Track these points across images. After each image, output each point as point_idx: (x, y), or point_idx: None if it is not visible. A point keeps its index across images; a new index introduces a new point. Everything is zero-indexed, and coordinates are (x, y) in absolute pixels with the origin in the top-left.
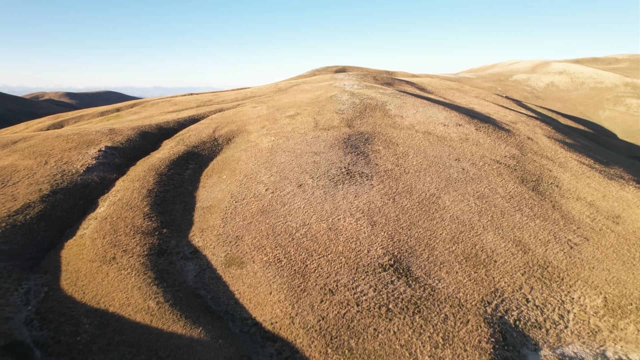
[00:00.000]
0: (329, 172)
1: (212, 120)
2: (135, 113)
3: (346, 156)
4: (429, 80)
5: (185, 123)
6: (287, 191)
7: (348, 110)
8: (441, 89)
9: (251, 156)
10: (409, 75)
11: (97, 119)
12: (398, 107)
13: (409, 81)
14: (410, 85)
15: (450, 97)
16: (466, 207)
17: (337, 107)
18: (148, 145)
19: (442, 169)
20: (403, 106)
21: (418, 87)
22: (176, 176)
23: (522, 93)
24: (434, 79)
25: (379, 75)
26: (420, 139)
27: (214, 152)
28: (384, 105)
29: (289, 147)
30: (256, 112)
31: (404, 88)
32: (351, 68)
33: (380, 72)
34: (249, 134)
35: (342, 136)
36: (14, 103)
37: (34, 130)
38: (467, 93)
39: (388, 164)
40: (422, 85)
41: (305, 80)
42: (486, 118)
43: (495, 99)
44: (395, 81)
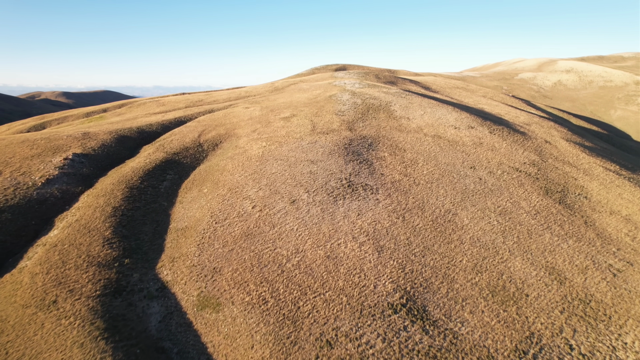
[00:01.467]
0: (328, 185)
1: (199, 123)
2: (120, 114)
3: (347, 165)
4: (433, 79)
5: (170, 126)
6: (277, 209)
7: (349, 111)
8: (447, 88)
9: (238, 165)
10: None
11: (80, 120)
12: (404, 108)
13: (412, 80)
14: (415, 84)
15: (456, 96)
16: (487, 225)
17: (337, 107)
18: (125, 152)
19: (457, 179)
20: (409, 107)
21: (422, 86)
22: (150, 189)
23: (529, 92)
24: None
25: (381, 74)
26: (429, 143)
27: (197, 159)
28: (388, 105)
29: (281, 155)
30: (248, 113)
31: (408, 87)
32: (352, 66)
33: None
34: (238, 138)
35: (342, 141)
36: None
37: (14, 132)
38: (474, 92)
39: (395, 174)
40: (427, 84)
41: (304, 79)
42: (498, 119)
43: (504, 99)
44: (398, 80)
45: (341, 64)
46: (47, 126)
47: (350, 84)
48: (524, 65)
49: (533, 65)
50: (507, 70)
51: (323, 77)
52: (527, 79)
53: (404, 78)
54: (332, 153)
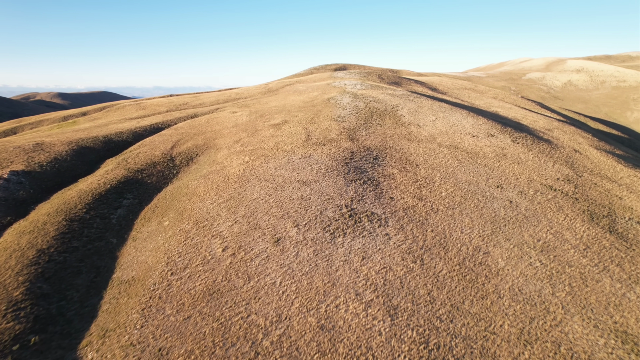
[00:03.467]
0: (323, 216)
1: (175, 131)
2: (94, 119)
3: (348, 187)
4: (439, 79)
5: (143, 134)
6: (256, 252)
7: (350, 116)
8: (454, 89)
9: (211, 187)
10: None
11: (50, 126)
12: (413, 113)
13: (418, 80)
14: (420, 84)
15: (466, 98)
16: (529, 269)
17: (336, 112)
18: (82, 167)
19: (483, 202)
20: (419, 111)
21: (429, 87)
22: (98, 221)
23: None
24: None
25: (384, 74)
26: (446, 156)
27: (165, 178)
28: (394, 109)
29: (267, 173)
30: (234, 119)
31: (414, 88)
32: (352, 66)
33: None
34: (218, 151)
35: (342, 154)
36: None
37: None
38: (483, 93)
39: (408, 197)
40: (433, 84)
41: (300, 80)
42: (517, 125)
43: (516, 100)
44: (402, 80)
45: (341, 64)
46: (19, 131)
47: (351, 84)
48: (531, 65)
49: (541, 64)
50: (514, 70)
51: (321, 78)
52: (536, 79)
53: (409, 78)
54: (329, 171)
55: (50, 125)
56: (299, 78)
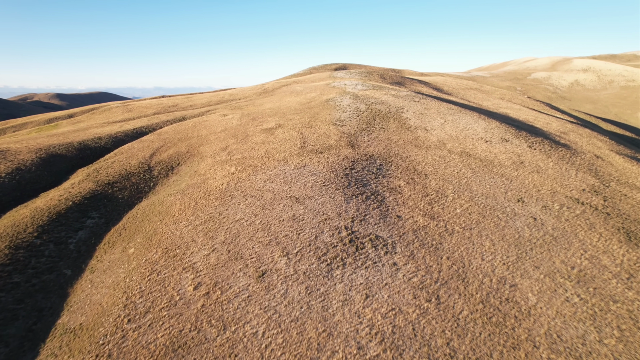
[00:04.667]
0: (319, 241)
1: (158, 136)
2: (77, 122)
3: (348, 203)
4: (443, 79)
5: (124, 139)
6: (235, 290)
7: (350, 120)
8: (459, 90)
9: (189, 205)
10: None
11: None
12: (419, 115)
13: (421, 80)
14: (424, 84)
15: (472, 99)
16: (566, 306)
17: (336, 115)
18: (48, 178)
19: (504, 220)
20: (425, 113)
21: (433, 87)
22: (51, 247)
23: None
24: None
25: (386, 73)
26: (457, 164)
27: (140, 192)
28: (399, 112)
29: (254, 188)
30: (224, 122)
31: (418, 88)
32: (353, 66)
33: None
34: (202, 159)
35: (341, 164)
36: None
37: None
38: (490, 94)
39: (418, 216)
40: (437, 84)
41: (298, 80)
42: (531, 128)
43: (524, 101)
44: (406, 80)
45: (341, 63)
46: (1, 134)
47: (351, 85)
48: (536, 64)
49: (546, 64)
50: (519, 70)
51: (320, 78)
52: (541, 78)
53: (412, 78)
54: (326, 184)
55: (31, 129)
56: (297, 78)
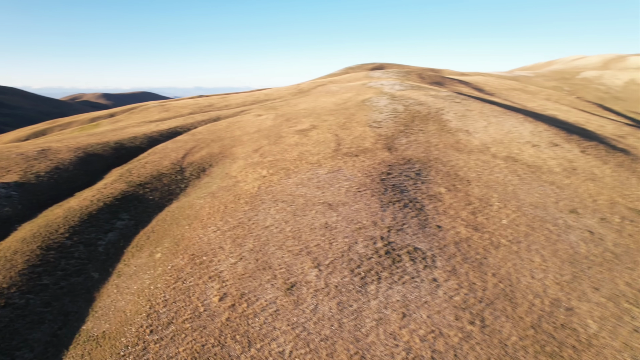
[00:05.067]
0: (352, 252)
1: (192, 137)
2: (116, 121)
3: (385, 211)
4: (484, 79)
5: (159, 139)
6: (262, 303)
7: (387, 121)
8: (502, 90)
9: (218, 209)
10: (458, 74)
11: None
12: (460, 117)
13: (461, 80)
14: (465, 84)
15: (516, 99)
16: (635, 337)
17: (372, 116)
18: (84, 178)
19: (556, 233)
20: (467, 115)
21: (474, 88)
22: (81, 248)
23: (596, 93)
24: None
25: (424, 73)
26: (503, 170)
27: (170, 194)
28: (439, 113)
29: (285, 192)
30: (257, 123)
31: (459, 89)
32: (390, 65)
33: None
34: (234, 161)
35: (377, 168)
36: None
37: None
38: (535, 94)
39: (460, 227)
40: (478, 85)
41: (334, 80)
42: (582, 131)
43: (572, 102)
44: (445, 80)
45: (378, 63)
46: (49, 132)
47: (388, 85)
48: (586, 62)
49: (597, 62)
50: (566, 69)
51: (356, 78)
52: (592, 78)
53: (452, 78)
54: (361, 190)
55: (75, 128)
56: (333, 78)
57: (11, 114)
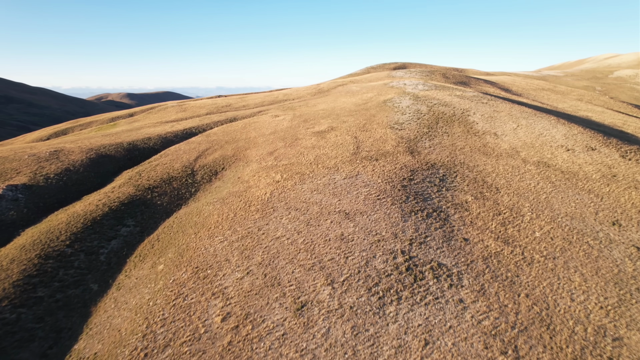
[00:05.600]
0: (370, 268)
1: (207, 137)
2: (133, 122)
3: (406, 221)
4: (511, 79)
5: (174, 140)
6: (269, 324)
7: (410, 123)
8: (530, 90)
9: (227, 217)
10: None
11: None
12: (488, 119)
13: (487, 80)
14: (491, 85)
15: (545, 100)
16: None
17: (394, 118)
18: (94, 180)
19: (596, 249)
20: (495, 117)
21: (501, 88)
22: (81, 257)
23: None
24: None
25: (448, 73)
26: (534, 177)
27: (180, 198)
28: (465, 114)
29: (299, 199)
30: (274, 124)
31: (485, 89)
32: (413, 65)
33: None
34: (247, 164)
35: (399, 173)
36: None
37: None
38: (565, 95)
39: (489, 240)
40: (505, 84)
41: (355, 79)
42: (621, 134)
43: (606, 102)
44: (470, 80)
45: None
46: (69, 132)
47: (411, 85)
48: (619, 61)
49: (632, 61)
50: (598, 68)
51: (378, 77)
52: (626, 77)
53: (477, 78)
54: (381, 197)
55: (94, 127)
56: (354, 78)
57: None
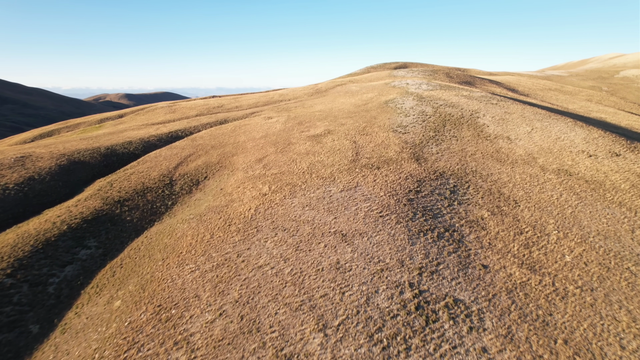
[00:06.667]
0: (372, 306)
1: (192, 142)
2: (120, 123)
3: (414, 244)
4: (516, 79)
5: (156, 144)
6: None
7: (414, 125)
8: (537, 91)
9: (202, 239)
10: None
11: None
12: (499, 121)
13: (492, 80)
14: (497, 84)
15: (554, 101)
16: None
17: (396, 120)
18: (62, 190)
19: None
20: (507, 119)
21: (507, 88)
22: (24, 290)
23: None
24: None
25: (452, 72)
26: (556, 187)
27: (154, 213)
28: (474, 116)
29: (288, 217)
30: (266, 127)
31: (491, 89)
32: (415, 64)
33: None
34: (232, 173)
35: (403, 184)
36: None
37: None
38: (574, 95)
39: (512, 266)
40: (510, 85)
41: (354, 79)
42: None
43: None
44: (475, 80)
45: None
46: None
47: (414, 84)
48: (625, 61)
49: (637, 60)
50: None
51: (379, 77)
52: (633, 77)
53: (481, 78)
54: (384, 214)
55: (80, 129)
56: (353, 77)
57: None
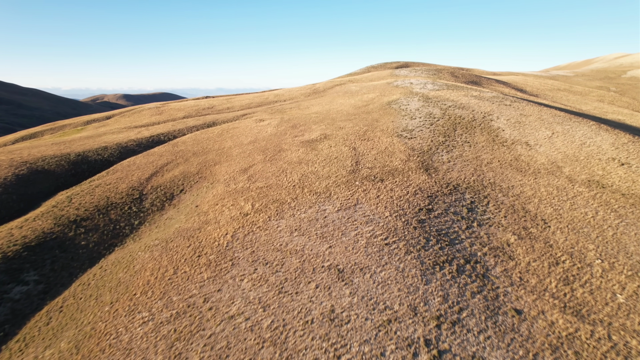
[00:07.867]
0: None
1: (172, 147)
2: (102, 125)
3: (429, 282)
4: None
5: (135, 149)
6: None
7: (421, 129)
8: (546, 91)
9: (163, 274)
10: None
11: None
12: (515, 124)
13: (498, 80)
14: (504, 84)
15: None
16: None
17: (401, 123)
18: (17, 205)
19: None
20: (523, 122)
21: (514, 88)
22: None
23: None
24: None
25: (457, 72)
26: (589, 202)
27: (114, 236)
28: (487, 119)
29: (272, 246)
30: (256, 130)
31: (499, 89)
32: (416, 64)
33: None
34: (212, 185)
35: (412, 201)
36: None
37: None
38: (585, 96)
39: (552, 311)
40: (518, 85)
41: (354, 79)
42: None
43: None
44: (481, 79)
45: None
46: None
47: (419, 84)
48: (631, 60)
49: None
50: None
51: (380, 76)
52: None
53: (487, 77)
54: (390, 241)
55: (64, 131)
56: (353, 77)
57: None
